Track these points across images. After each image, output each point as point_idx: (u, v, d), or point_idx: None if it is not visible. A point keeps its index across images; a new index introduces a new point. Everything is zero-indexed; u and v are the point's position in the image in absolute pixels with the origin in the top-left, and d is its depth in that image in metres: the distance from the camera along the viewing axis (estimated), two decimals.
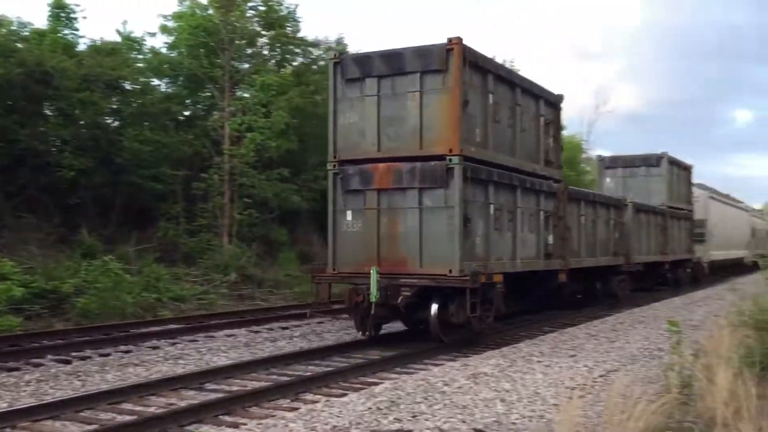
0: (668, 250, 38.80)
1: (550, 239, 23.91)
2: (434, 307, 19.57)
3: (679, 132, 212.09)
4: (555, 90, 25.05)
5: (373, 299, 19.23)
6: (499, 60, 28.01)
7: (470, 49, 19.73)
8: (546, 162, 24.20)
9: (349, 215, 20.52)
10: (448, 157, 19.07)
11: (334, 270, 20.69)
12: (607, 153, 67.88)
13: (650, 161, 40.93)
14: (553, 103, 24.82)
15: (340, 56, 21.23)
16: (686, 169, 44.67)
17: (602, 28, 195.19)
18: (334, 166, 20.77)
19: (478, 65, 20.16)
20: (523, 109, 22.71)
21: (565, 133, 48.55)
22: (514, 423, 11.34)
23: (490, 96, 20.79)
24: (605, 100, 72.67)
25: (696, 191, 47.13)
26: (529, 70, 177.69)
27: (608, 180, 41.41)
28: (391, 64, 19.99)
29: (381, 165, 20.00)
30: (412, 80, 19.69)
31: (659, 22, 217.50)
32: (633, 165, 41.17)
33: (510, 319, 25.52)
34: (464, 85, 19.32)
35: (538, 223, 23.27)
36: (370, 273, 19.31)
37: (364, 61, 20.57)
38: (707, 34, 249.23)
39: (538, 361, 16.78)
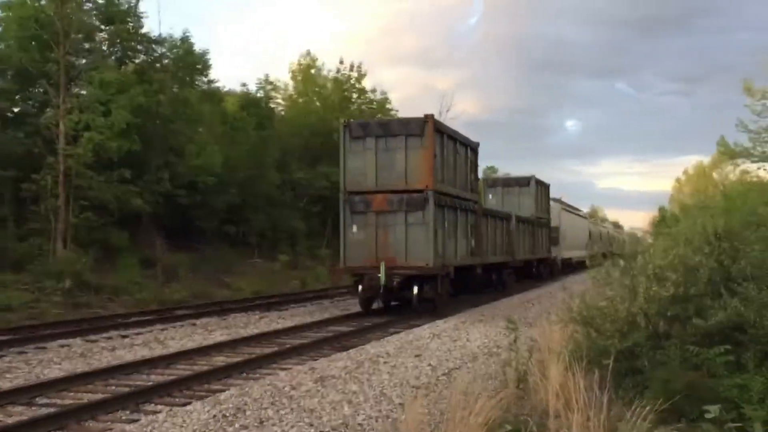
0: (536, 251, 48.88)
1: (473, 243, 33.49)
2: (416, 288, 28.63)
3: (517, 138, 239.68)
4: (466, 133, 34.09)
5: (382, 282, 28.20)
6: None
7: (437, 121, 30.06)
8: (471, 189, 33.93)
9: (354, 228, 29.10)
10: (425, 191, 28.46)
11: (345, 265, 29.47)
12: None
13: (522, 182, 50.85)
14: (474, 148, 34.25)
15: (348, 121, 30.31)
16: (546, 186, 54.65)
17: (446, 37, 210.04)
18: (346, 195, 29.27)
19: (440, 130, 29.91)
20: (458, 155, 32.00)
21: None
22: (360, 424, 11.59)
23: (444, 149, 30.22)
24: (448, 107, 78.08)
25: (552, 204, 56.90)
26: (376, 75, 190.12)
27: (490, 196, 50.57)
28: (384, 129, 29.32)
29: (378, 195, 28.94)
30: (400, 140, 28.87)
31: (498, 33, 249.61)
32: (509, 185, 50.87)
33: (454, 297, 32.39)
34: (434, 144, 28.80)
35: (467, 232, 32.72)
36: (371, 267, 28.53)
37: (365, 125, 29.84)
38: (540, 46, 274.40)
39: (385, 362, 17.02)
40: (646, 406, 8.75)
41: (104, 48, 42.68)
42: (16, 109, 39.91)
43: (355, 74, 68.79)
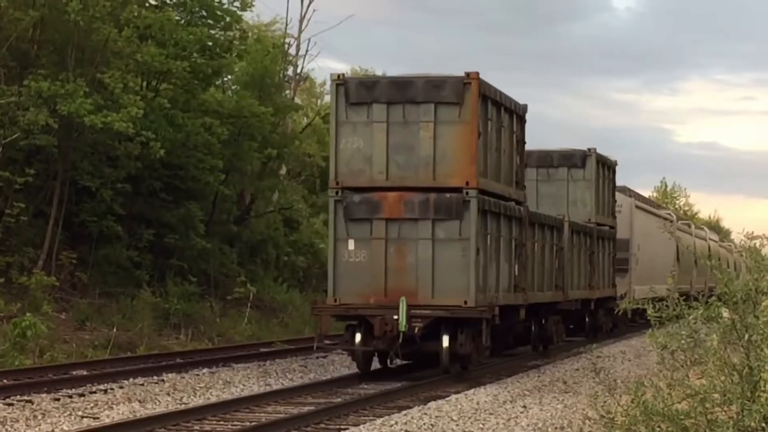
0: (594, 283, 31.13)
1: (516, 270, 23.43)
2: (446, 339, 20.22)
3: (499, 26, 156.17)
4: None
5: (402, 329, 19.69)
6: None
7: (486, 83, 21.13)
8: (516, 184, 24.15)
9: (351, 244, 20.62)
10: (465, 190, 20.15)
11: (335, 301, 20.77)
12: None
13: (573, 160, 31.76)
14: (521, 116, 24.35)
15: (342, 77, 21.38)
16: (611, 168, 34.67)
17: None
18: (337, 192, 20.84)
19: (486, 95, 21.17)
20: (505, 130, 22.93)
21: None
22: None
23: (489, 124, 21.68)
24: None
25: (619, 198, 36.69)
26: None
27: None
28: (401, 91, 20.70)
29: (390, 194, 20.50)
30: (426, 109, 20.45)
31: None
32: (548, 164, 31.63)
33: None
34: (478, 118, 20.62)
35: (509, 253, 23.00)
36: (377, 306, 20.28)
37: (370, 85, 21.36)
38: None
39: None
40: None
41: None
42: None
43: None
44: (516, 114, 23.77)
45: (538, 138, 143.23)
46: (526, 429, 15.41)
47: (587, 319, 32.07)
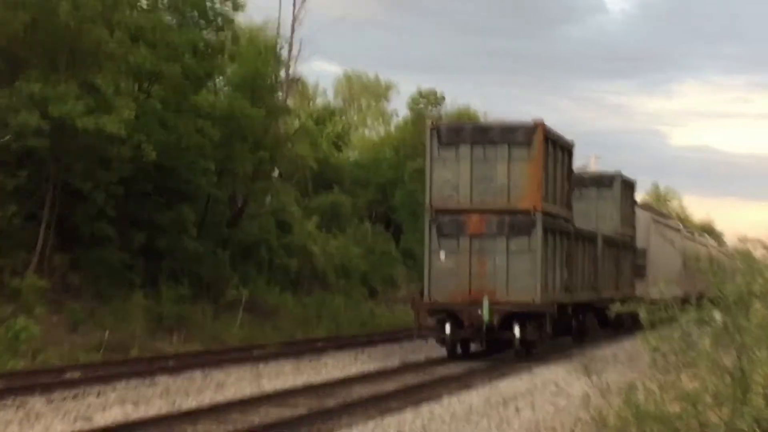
0: (620, 285, 36.54)
1: (566, 275, 28.83)
2: (517, 329, 25.65)
3: (491, 29, 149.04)
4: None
5: (486, 320, 25.26)
6: None
7: (548, 128, 26.79)
8: (567, 205, 29.68)
9: (442, 255, 25.94)
10: (533, 213, 25.69)
11: (429, 299, 26.31)
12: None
13: (602, 182, 37.63)
14: (570, 152, 29.80)
15: (436, 124, 27.89)
16: (632, 187, 40.50)
17: None
18: (432, 214, 26.09)
19: (550, 140, 27.04)
20: (559, 163, 28.38)
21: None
22: None
23: (550, 160, 27.14)
24: None
25: (638, 213, 41.72)
26: None
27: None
28: (482, 135, 26.39)
29: (474, 214, 25.93)
30: (502, 150, 25.96)
31: None
32: (582, 185, 36.03)
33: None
34: (544, 156, 26.22)
35: (562, 261, 28.37)
36: (462, 302, 25.80)
37: (458, 130, 27.13)
38: None
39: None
40: None
41: None
42: None
43: None
44: (567, 149, 29.17)
45: None
46: (518, 431, 15.41)
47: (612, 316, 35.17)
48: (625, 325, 35.73)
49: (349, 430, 15.21)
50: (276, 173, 42.96)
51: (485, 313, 25.14)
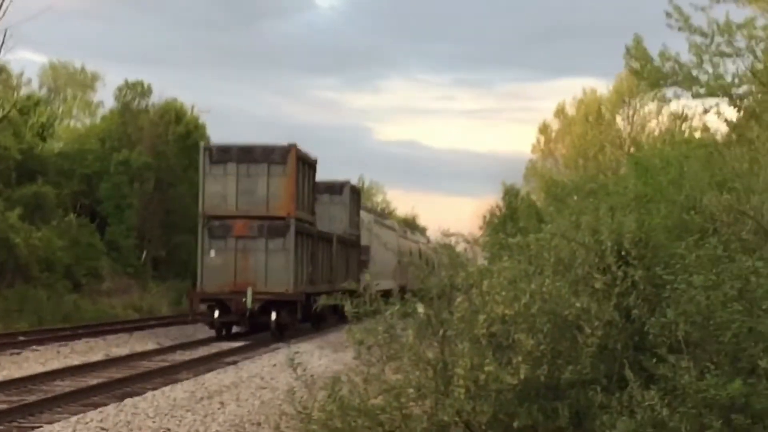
0: (349, 278, 37.52)
1: (310, 269, 33.86)
2: (273, 314, 30.66)
3: (190, 22, 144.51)
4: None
5: (248, 306, 30.12)
6: None
7: (300, 149, 32.95)
8: (311, 211, 35.48)
9: (213, 253, 31.32)
10: (287, 218, 31.43)
11: (202, 290, 31.60)
12: None
13: (334, 189, 42.13)
14: (314, 167, 35.94)
15: (209, 145, 33.62)
16: (357, 192, 46.58)
17: None
18: (204, 219, 31.51)
19: (300, 159, 33.02)
20: (307, 177, 34.37)
21: None
22: None
23: (301, 174, 32.97)
24: None
25: (362, 215, 46.69)
26: None
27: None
28: (246, 154, 31.86)
29: (238, 220, 31.41)
30: (262, 167, 31.68)
31: None
32: (318, 191, 39.19)
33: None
34: (299, 174, 32.35)
35: (308, 258, 33.89)
36: (230, 292, 30.93)
37: (226, 150, 32.34)
38: None
39: None
40: None
41: None
42: None
43: None
44: (312, 165, 35.39)
45: (240, 135, 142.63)
46: (223, 425, 15.55)
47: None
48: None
49: (50, 426, 14.92)
50: None
51: (249, 301, 29.89)
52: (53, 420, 15.52)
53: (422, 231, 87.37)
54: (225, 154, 31.70)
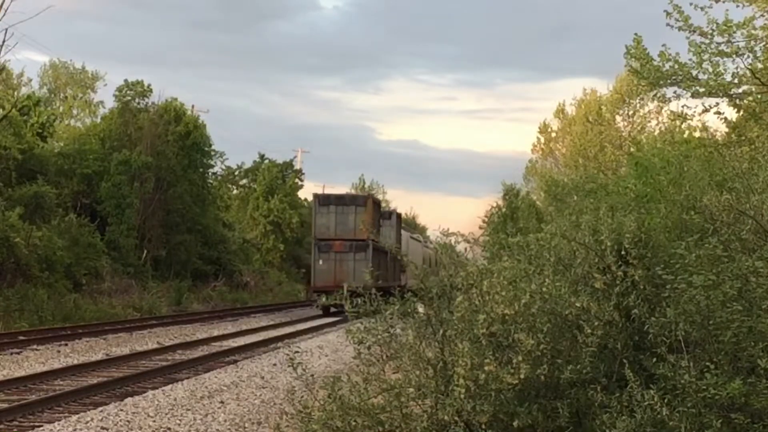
0: (396, 277, 53.51)
1: (377, 272, 39.73)
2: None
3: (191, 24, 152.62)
4: None
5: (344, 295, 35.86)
6: None
7: (375, 197, 59.77)
8: (378, 234, 50.05)
9: (321, 261, 48.18)
10: (367, 240, 46.87)
11: (314, 285, 49.33)
12: None
13: (385, 215, 58.57)
14: (379, 204, 57.16)
15: (318, 195, 52.74)
16: (399, 216, 62.51)
17: None
18: (315, 240, 49.07)
19: (375, 202, 52.45)
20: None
21: None
22: None
23: (376, 213, 51.78)
24: None
25: (402, 233, 59.93)
26: None
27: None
28: (340, 200, 50.34)
29: (336, 241, 48.11)
30: (351, 208, 48.90)
31: None
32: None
33: None
34: (373, 212, 49.46)
35: (375, 264, 45.45)
36: (332, 286, 42.97)
37: (328, 196, 51.83)
38: None
39: None
40: None
41: None
42: None
43: None
44: (378, 204, 54.83)
45: (241, 135, 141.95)
46: (223, 424, 15.64)
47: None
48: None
49: (51, 425, 14.97)
50: None
51: (345, 292, 34.68)
52: (53, 419, 15.59)
53: (422, 231, 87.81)
54: (327, 199, 50.38)
